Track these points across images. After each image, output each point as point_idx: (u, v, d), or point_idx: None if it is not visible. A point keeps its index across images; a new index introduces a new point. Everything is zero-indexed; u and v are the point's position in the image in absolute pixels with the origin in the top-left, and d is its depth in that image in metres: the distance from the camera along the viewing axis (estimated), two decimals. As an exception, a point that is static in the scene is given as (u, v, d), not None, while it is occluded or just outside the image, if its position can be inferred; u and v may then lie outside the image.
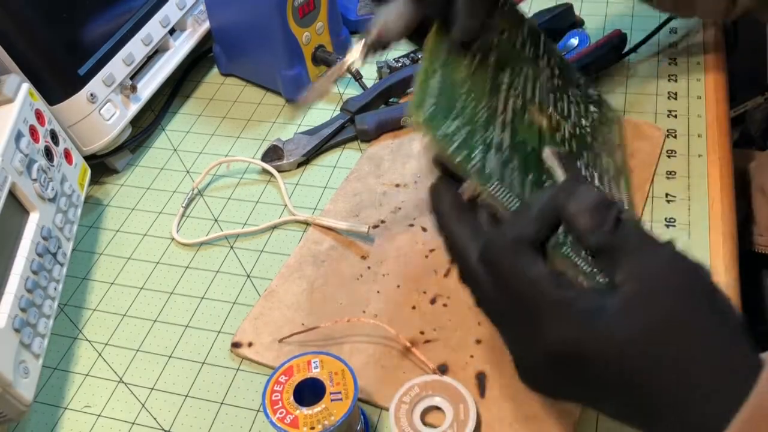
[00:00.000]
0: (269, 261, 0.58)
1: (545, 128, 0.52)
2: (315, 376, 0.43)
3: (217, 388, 0.50)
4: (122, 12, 0.67)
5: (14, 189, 0.50)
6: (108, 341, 0.54)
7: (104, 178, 0.68)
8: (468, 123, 0.45)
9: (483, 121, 0.46)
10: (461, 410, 0.45)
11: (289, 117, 0.71)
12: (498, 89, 0.50)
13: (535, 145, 0.50)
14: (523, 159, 0.47)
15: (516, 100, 0.51)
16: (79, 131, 0.63)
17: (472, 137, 0.44)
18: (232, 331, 0.53)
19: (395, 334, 0.49)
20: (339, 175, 0.64)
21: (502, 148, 0.46)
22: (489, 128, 0.46)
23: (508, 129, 0.48)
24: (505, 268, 0.36)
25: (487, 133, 0.46)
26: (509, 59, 0.53)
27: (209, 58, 0.79)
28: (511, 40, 0.55)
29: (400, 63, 0.72)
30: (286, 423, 0.41)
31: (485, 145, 0.45)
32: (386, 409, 0.47)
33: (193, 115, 0.73)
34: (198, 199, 0.64)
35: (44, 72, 0.60)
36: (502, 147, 0.46)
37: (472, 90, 0.47)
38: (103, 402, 0.51)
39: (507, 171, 0.45)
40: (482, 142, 0.45)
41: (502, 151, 0.46)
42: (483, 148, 0.44)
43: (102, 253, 0.61)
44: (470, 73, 0.48)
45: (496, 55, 0.52)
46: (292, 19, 0.68)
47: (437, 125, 0.43)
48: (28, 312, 0.48)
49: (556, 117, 0.54)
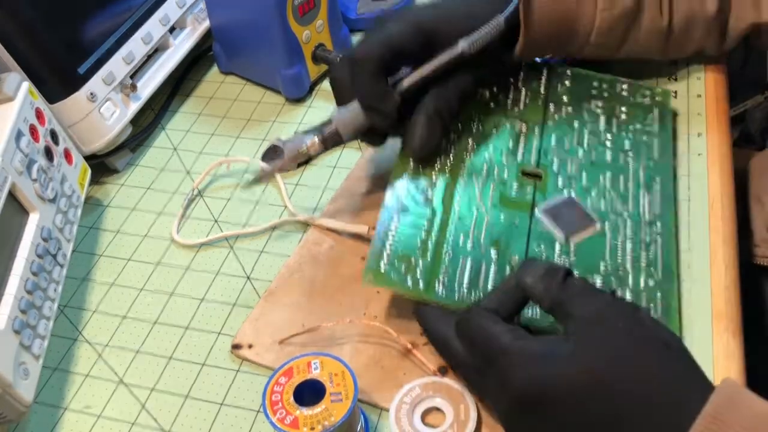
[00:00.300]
0: (269, 262, 0.58)
1: (543, 180, 0.54)
2: (315, 377, 0.43)
3: (217, 389, 0.50)
4: (122, 10, 0.67)
5: (14, 189, 0.50)
6: (108, 342, 0.54)
7: (104, 178, 0.68)
8: (434, 255, 0.50)
9: (452, 244, 0.51)
10: (462, 411, 0.45)
11: (289, 117, 0.71)
12: (470, 184, 0.54)
13: (524, 214, 0.52)
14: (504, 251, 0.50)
15: (496, 183, 0.54)
16: (79, 130, 0.63)
17: (437, 270, 0.49)
18: (232, 332, 0.53)
19: (395, 336, 0.49)
20: (339, 175, 0.64)
21: (480, 259, 0.50)
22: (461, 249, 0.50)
23: (483, 230, 0.51)
24: (472, 330, 0.42)
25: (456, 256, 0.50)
26: (485, 137, 0.57)
27: (209, 56, 0.79)
28: (489, 112, 0.58)
29: (401, 62, 0.72)
30: (286, 424, 0.41)
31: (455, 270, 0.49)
32: (386, 410, 0.47)
33: (193, 114, 0.73)
34: (198, 200, 0.64)
35: (44, 70, 0.60)
36: (480, 258, 0.50)
37: (443, 201, 0.53)
38: (103, 403, 0.51)
39: (483, 274, 0.49)
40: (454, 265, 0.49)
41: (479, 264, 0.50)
42: (453, 275, 0.49)
43: (102, 255, 0.61)
44: (433, 183, 0.54)
45: (469, 143, 0.56)
46: (292, 17, 0.67)
47: (401, 280, 0.49)
48: (28, 313, 0.48)
49: (558, 158, 0.56)
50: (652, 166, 0.56)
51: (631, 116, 0.59)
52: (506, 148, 0.56)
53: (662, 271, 0.49)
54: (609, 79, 0.61)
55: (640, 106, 0.60)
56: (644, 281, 0.49)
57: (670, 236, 0.52)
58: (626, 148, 0.56)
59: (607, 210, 0.53)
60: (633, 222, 0.52)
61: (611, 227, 0.52)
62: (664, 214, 0.53)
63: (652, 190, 0.54)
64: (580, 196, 0.53)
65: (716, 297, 0.50)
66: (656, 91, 0.61)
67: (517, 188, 0.54)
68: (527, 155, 0.56)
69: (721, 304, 0.50)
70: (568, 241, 0.51)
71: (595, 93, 0.60)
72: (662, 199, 0.54)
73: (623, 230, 0.51)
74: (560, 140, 0.57)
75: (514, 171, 0.55)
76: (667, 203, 0.53)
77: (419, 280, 0.49)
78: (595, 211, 0.52)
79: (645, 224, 0.52)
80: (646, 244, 0.51)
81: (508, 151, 0.56)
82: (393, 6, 0.78)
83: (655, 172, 0.55)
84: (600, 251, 0.50)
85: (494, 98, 0.60)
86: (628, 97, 0.60)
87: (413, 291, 0.48)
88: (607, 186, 0.54)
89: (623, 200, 0.53)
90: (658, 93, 0.61)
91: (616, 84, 0.61)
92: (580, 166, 0.55)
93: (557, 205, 0.53)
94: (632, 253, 0.50)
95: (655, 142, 0.57)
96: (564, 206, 0.53)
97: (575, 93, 0.60)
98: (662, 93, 0.61)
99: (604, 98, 0.60)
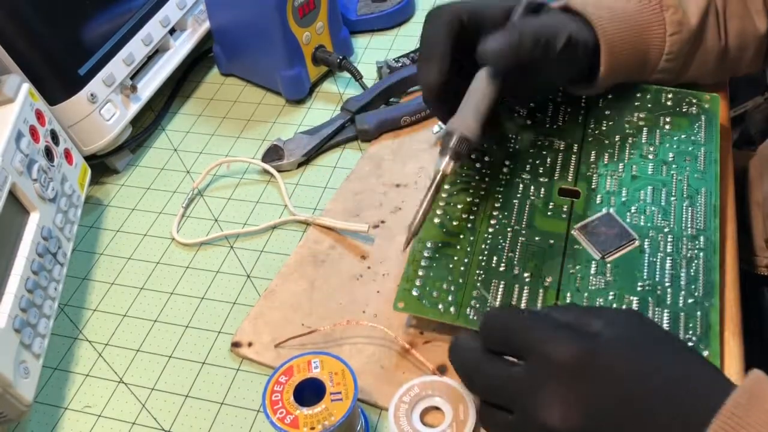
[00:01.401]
0: (269, 261, 0.58)
1: (581, 198, 0.53)
2: (315, 376, 0.43)
3: (217, 389, 0.50)
4: (122, 12, 0.67)
5: (14, 189, 0.50)
6: (108, 341, 0.54)
7: (104, 178, 0.68)
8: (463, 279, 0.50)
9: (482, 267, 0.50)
10: (460, 410, 0.45)
11: (290, 118, 0.71)
12: (505, 205, 0.53)
13: (560, 233, 0.51)
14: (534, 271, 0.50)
15: (532, 203, 0.53)
16: (79, 131, 0.63)
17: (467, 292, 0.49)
18: (232, 331, 0.53)
19: (394, 335, 0.49)
20: (339, 175, 0.64)
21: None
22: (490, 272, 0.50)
23: (516, 252, 0.51)
24: (504, 323, 0.41)
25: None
26: (521, 156, 0.56)
27: (209, 58, 0.79)
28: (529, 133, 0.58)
29: (400, 63, 0.72)
30: (286, 423, 0.41)
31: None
32: (386, 409, 0.47)
33: (193, 115, 0.73)
34: (198, 200, 0.64)
35: (45, 72, 0.60)
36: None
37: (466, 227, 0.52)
38: (103, 402, 0.51)
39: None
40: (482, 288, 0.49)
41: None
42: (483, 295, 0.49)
43: (102, 254, 0.61)
44: (468, 205, 0.53)
45: (505, 163, 0.56)
46: (292, 18, 0.68)
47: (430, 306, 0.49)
48: (28, 312, 0.48)
49: (596, 174, 0.55)
50: (697, 178, 0.53)
51: (675, 126, 0.56)
52: (543, 166, 0.55)
53: (703, 288, 0.47)
54: (653, 89, 0.59)
55: (686, 115, 0.57)
56: (683, 299, 0.47)
57: (713, 251, 0.49)
58: (669, 160, 0.54)
59: (647, 225, 0.51)
60: (674, 237, 0.50)
61: (651, 244, 0.50)
62: (708, 227, 0.50)
63: (696, 203, 0.52)
64: (618, 212, 0.51)
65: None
66: (703, 98, 0.58)
67: (553, 207, 0.53)
68: (564, 173, 0.55)
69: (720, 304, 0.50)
70: (604, 259, 0.49)
71: (638, 104, 0.58)
72: (706, 211, 0.51)
73: (663, 246, 0.49)
74: (599, 155, 0.55)
75: (551, 190, 0.54)
76: (711, 216, 0.51)
77: (450, 306, 0.48)
78: (634, 228, 0.51)
79: (687, 239, 0.50)
80: (687, 261, 0.49)
81: (545, 169, 0.55)
82: (393, 7, 0.79)
83: (700, 183, 0.53)
84: (638, 269, 0.49)
85: (531, 116, 0.59)
86: (673, 106, 0.58)
87: (444, 317, 0.48)
88: (648, 200, 0.52)
89: (664, 215, 0.51)
90: (706, 100, 0.58)
91: (661, 93, 0.58)
92: (620, 181, 0.53)
93: (594, 223, 0.51)
94: (671, 270, 0.48)
95: (701, 151, 0.55)
96: (601, 223, 0.51)
97: (616, 106, 0.58)
98: (711, 99, 0.58)
99: (647, 109, 0.58)
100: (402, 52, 0.74)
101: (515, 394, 0.39)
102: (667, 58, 0.56)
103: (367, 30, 0.80)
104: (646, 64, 0.56)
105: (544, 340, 0.38)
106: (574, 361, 0.37)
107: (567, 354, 0.37)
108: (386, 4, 0.79)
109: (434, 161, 0.57)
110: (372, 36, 0.79)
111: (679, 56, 0.56)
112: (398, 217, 0.59)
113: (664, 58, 0.56)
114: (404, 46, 0.77)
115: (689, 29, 0.55)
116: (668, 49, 0.55)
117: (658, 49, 0.55)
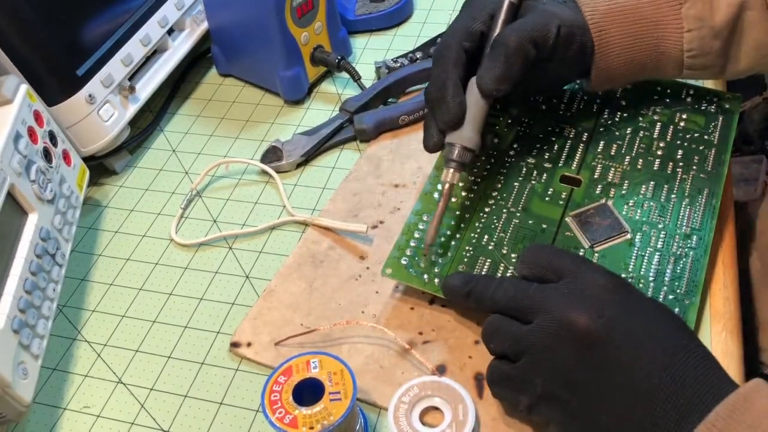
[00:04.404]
0: (268, 261, 0.58)
1: (581, 186, 0.54)
2: (314, 376, 0.43)
3: (216, 389, 0.50)
4: (120, 12, 0.67)
5: (13, 190, 0.50)
6: (107, 342, 0.54)
7: (103, 179, 0.68)
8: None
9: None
10: (460, 410, 0.45)
11: (288, 118, 0.71)
12: (506, 186, 0.55)
13: (554, 219, 0.52)
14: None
15: (532, 187, 0.54)
16: (77, 132, 0.63)
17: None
18: (231, 331, 0.53)
19: (394, 335, 0.49)
20: (338, 176, 0.64)
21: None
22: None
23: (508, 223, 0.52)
24: (547, 251, 0.46)
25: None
26: (530, 140, 0.57)
27: (207, 58, 0.79)
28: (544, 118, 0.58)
29: (399, 63, 0.72)
30: (285, 423, 0.41)
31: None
32: (385, 409, 0.47)
33: (191, 116, 0.73)
34: (197, 200, 0.64)
35: (43, 73, 0.60)
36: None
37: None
38: (102, 402, 0.51)
39: None
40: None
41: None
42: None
43: (101, 255, 0.61)
44: (470, 183, 0.55)
45: (513, 145, 0.57)
46: (291, 19, 0.68)
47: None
48: (26, 313, 0.48)
49: (601, 165, 0.55)
50: (702, 178, 0.53)
51: (690, 123, 0.56)
52: (550, 152, 0.56)
53: (686, 286, 0.48)
54: (674, 84, 0.58)
55: (704, 113, 0.56)
56: (663, 295, 0.47)
57: (704, 251, 0.49)
58: (677, 157, 0.54)
59: (641, 220, 0.51)
60: (667, 234, 0.50)
61: (642, 238, 0.50)
62: (703, 228, 0.50)
63: (695, 203, 0.51)
64: (615, 204, 0.52)
65: (714, 296, 0.50)
66: (724, 97, 0.57)
67: (552, 193, 0.53)
68: (570, 160, 0.55)
69: (719, 304, 0.50)
70: (592, 248, 0.50)
71: (656, 98, 0.58)
72: (704, 212, 0.51)
73: (654, 242, 0.50)
74: (608, 146, 0.55)
75: (553, 176, 0.54)
76: (708, 217, 0.51)
77: (435, 278, 0.50)
78: (628, 221, 0.51)
79: (679, 237, 0.50)
80: (675, 258, 0.49)
81: (551, 155, 0.55)
82: (392, 7, 0.79)
83: (704, 183, 0.52)
84: (624, 261, 0.49)
85: (547, 101, 0.59)
86: (692, 103, 0.57)
87: (428, 287, 0.50)
88: (648, 195, 0.52)
89: (662, 211, 0.51)
90: (726, 99, 0.57)
91: (682, 89, 0.58)
92: (623, 174, 0.54)
93: (589, 212, 0.52)
94: (658, 266, 0.49)
95: (711, 152, 0.54)
96: (596, 213, 0.52)
97: (634, 98, 0.58)
98: (732, 99, 0.57)
99: (665, 104, 0.57)
100: (400, 52, 0.74)
101: (544, 299, 0.42)
102: (690, 55, 0.52)
103: (365, 30, 0.80)
104: (661, 59, 0.52)
105: (583, 264, 0.43)
106: (608, 283, 0.42)
107: (602, 279, 0.42)
108: (384, 4, 0.79)
109: (432, 161, 0.58)
110: (370, 36, 0.79)
111: (708, 53, 0.51)
112: (397, 218, 0.59)
113: (686, 55, 0.52)
114: (403, 46, 0.77)
115: (711, 26, 0.50)
116: (687, 46, 0.51)
117: (676, 46, 0.51)
